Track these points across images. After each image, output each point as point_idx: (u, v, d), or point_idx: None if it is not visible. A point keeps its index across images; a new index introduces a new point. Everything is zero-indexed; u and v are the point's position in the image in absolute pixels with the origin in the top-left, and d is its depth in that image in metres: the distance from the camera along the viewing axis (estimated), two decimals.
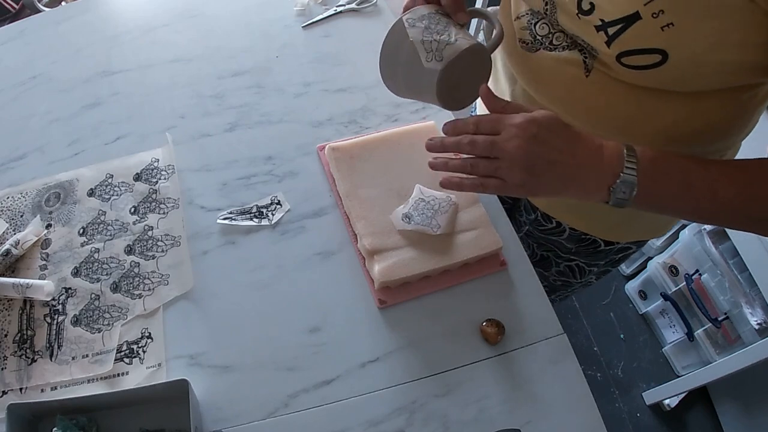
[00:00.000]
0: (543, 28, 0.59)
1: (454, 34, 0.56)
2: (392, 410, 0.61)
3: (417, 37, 0.56)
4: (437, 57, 0.55)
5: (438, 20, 0.57)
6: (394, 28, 0.59)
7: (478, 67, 0.58)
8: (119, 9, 1.05)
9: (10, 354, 0.63)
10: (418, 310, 0.68)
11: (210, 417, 0.59)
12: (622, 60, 0.50)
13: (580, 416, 0.62)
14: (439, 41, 0.55)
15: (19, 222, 0.74)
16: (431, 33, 0.56)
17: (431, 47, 0.56)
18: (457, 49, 0.55)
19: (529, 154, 0.50)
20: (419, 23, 0.57)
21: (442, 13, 0.59)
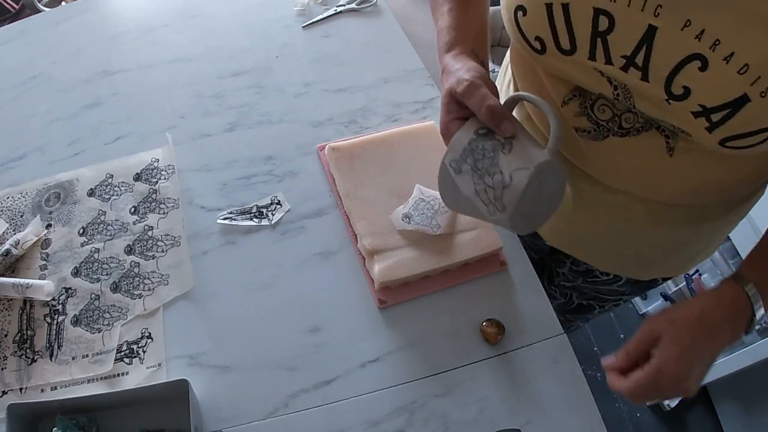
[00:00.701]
0: (604, 112, 0.50)
1: (507, 166, 0.47)
2: (392, 410, 0.61)
3: (468, 190, 0.49)
4: (498, 207, 0.48)
5: (483, 151, 0.48)
6: (441, 172, 0.51)
7: (548, 182, 0.49)
8: (119, 9, 1.05)
9: (10, 354, 0.63)
10: (418, 310, 0.68)
11: (210, 417, 0.59)
12: (726, 144, 0.43)
13: (580, 416, 0.62)
14: (494, 186, 0.47)
15: (19, 222, 0.74)
16: (481, 176, 0.48)
17: (488, 197, 0.48)
18: (517, 191, 0.46)
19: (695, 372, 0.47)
20: (464, 165, 0.49)
21: (483, 132, 0.49)
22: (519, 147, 0.48)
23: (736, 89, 0.39)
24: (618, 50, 0.43)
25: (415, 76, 0.95)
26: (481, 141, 0.48)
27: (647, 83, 0.43)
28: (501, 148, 0.47)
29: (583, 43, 0.44)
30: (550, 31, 0.45)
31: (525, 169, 0.46)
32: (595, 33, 0.43)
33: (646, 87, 0.43)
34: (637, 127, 0.49)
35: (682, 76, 0.40)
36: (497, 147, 0.48)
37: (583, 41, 0.44)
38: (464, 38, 0.56)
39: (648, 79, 0.42)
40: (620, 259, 0.71)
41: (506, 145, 0.48)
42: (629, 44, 0.42)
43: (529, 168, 0.46)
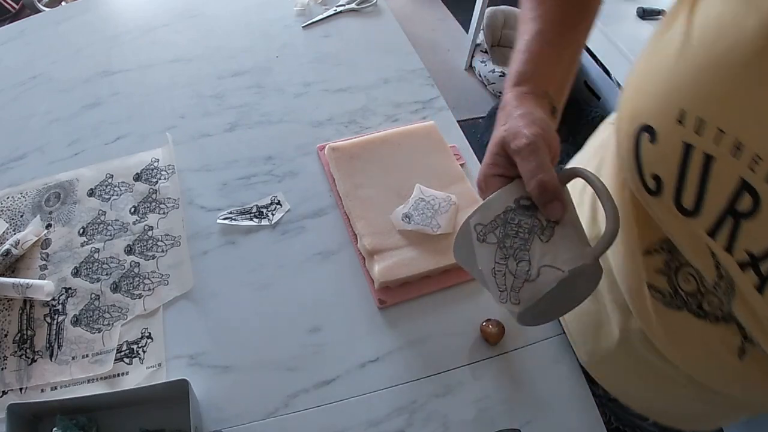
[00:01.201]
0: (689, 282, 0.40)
1: (538, 258, 0.39)
2: (392, 410, 0.61)
3: (485, 264, 0.42)
4: (512, 299, 0.41)
5: (517, 228, 0.40)
6: (462, 231, 0.44)
7: (578, 285, 0.42)
8: (119, 9, 1.05)
9: (10, 354, 0.63)
10: (418, 310, 0.68)
11: (210, 417, 0.59)
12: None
13: (580, 416, 0.62)
14: (516, 275, 0.40)
15: (19, 222, 0.74)
16: (506, 257, 0.40)
17: (504, 283, 0.41)
18: (539, 291, 0.39)
19: None
20: (491, 235, 0.41)
21: (526, 205, 0.40)
22: (560, 238, 0.40)
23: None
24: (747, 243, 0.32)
25: (415, 76, 0.95)
26: (520, 215, 0.41)
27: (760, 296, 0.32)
28: (539, 233, 0.40)
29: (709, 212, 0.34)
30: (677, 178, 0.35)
31: (557, 270, 0.39)
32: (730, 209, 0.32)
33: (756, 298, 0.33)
34: (717, 314, 0.40)
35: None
36: (535, 230, 0.40)
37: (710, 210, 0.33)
38: (542, 74, 0.45)
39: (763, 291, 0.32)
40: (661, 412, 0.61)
41: (547, 230, 0.40)
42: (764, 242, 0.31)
43: (563, 271, 0.39)
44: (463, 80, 2.30)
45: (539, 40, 0.46)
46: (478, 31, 2.18)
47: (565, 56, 0.47)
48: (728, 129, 0.30)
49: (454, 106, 2.15)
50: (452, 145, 0.83)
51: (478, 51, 2.27)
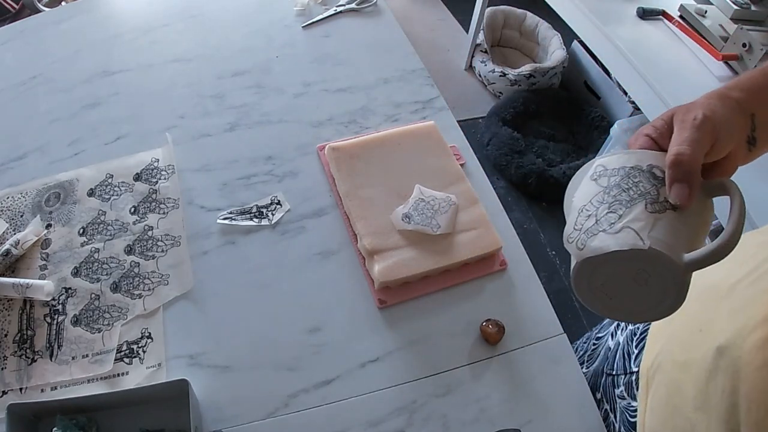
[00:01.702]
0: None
1: (630, 218, 0.36)
2: (392, 410, 0.61)
3: (582, 199, 0.39)
4: (579, 243, 0.37)
5: (633, 185, 0.37)
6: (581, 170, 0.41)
7: (654, 279, 0.36)
8: (119, 9, 1.05)
9: (10, 354, 0.63)
10: (418, 310, 0.68)
11: (210, 417, 0.59)
12: None
13: (580, 416, 0.62)
14: (599, 221, 0.37)
15: (19, 222, 0.74)
16: (602, 202, 0.37)
17: (582, 224, 0.37)
18: (605, 245, 0.35)
19: None
20: (605, 179, 0.38)
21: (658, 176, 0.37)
22: (666, 221, 0.36)
23: None
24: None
25: (415, 76, 0.95)
26: (644, 178, 0.37)
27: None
28: (649, 201, 0.36)
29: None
30: None
31: (640, 239, 0.35)
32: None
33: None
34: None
35: None
36: (647, 196, 0.37)
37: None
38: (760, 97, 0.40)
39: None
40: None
41: (658, 205, 0.36)
42: None
43: (644, 243, 0.34)
44: (463, 80, 2.30)
45: None
46: (478, 31, 2.18)
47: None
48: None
49: (454, 106, 2.15)
50: (452, 145, 0.83)
51: (478, 51, 2.27)
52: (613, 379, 0.65)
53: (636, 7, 1.48)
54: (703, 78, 1.27)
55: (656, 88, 1.25)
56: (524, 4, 2.31)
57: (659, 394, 0.53)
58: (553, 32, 2.22)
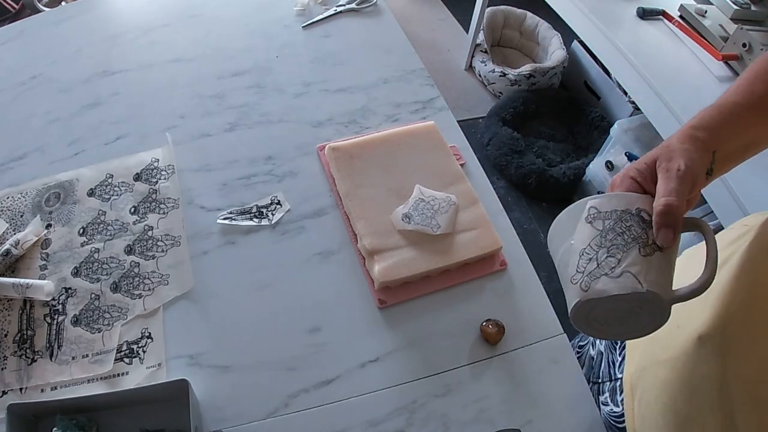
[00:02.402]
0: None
1: (627, 263, 0.40)
2: (392, 410, 0.61)
3: (580, 243, 0.43)
4: (583, 285, 0.41)
5: (626, 228, 0.41)
6: (571, 210, 0.45)
7: (644, 312, 0.42)
8: (119, 9, 1.05)
9: (10, 354, 0.63)
10: (418, 310, 0.68)
11: (210, 417, 0.59)
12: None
13: (580, 416, 0.62)
14: (600, 265, 0.41)
15: (19, 222, 0.74)
16: (600, 246, 0.41)
17: (584, 267, 0.41)
18: (608, 288, 0.40)
19: None
20: (599, 222, 0.42)
21: (645, 219, 0.42)
22: (656, 262, 0.41)
23: None
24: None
25: (415, 76, 0.95)
26: (634, 222, 0.42)
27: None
28: (641, 245, 0.41)
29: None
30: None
31: (638, 283, 0.40)
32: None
33: None
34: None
35: None
36: (639, 241, 0.41)
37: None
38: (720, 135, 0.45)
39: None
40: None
41: (648, 248, 0.41)
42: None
43: (642, 287, 0.39)
44: (463, 80, 2.30)
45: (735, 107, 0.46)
46: (478, 31, 2.18)
47: (747, 136, 0.47)
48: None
49: (454, 106, 2.15)
50: (452, 145, 0.83)
51: (478, 51, 2.27)
52: (598, 387, 0.69)
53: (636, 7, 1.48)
54: (703, 78, 1.27)
55: (656, 88, 1.25)
56: (524, 4, 2.31)
57: (647, 398, 0.55)
58: (553, 32, 2.22)
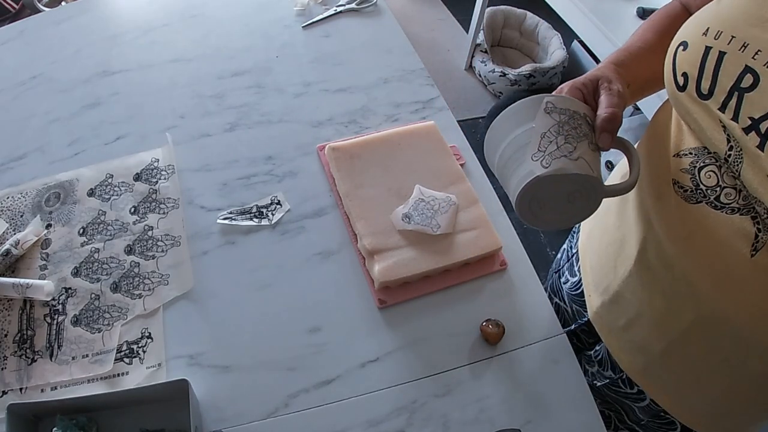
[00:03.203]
0: (710, 178, 0.47)
1: (581, 151, 0.46)
2: (392, 410, 0.61)
3: (541, 127, 0.48)
4: (544, 162, 0.46)
5: (578, 125, 0.48)
6: (527, 102, 0.50)
7: (581, 199, 0.48)
8: (119, 9, 1.05)
9: (10, 354, 0.63)
10: (418, 310, 0.68)
11: (210, 417, 0.59)
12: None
13: (580, 416, 0.62)
14: (559, 147, 0.46)
15: (19, 222, 0.74)
16: (558, 133, 0.47)
17: (546, 147, 0.47)
18: (568, 167, 0.45)
19: None
20: (556, 115, 0.48)
21: (590, 121, 0.49)
22: (598, 158, 0.48)
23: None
24: (749, 110, 0.41)
25: (415, 76, 0.95)
26: (584, 122, 0.49)
27: (762, 153, 0.41)
28: (589, 141, 0.48)
29: (720, 92, 0.44)
30: (698, 72, 0.45)
31: (591, 169, 0.46)
32: (736, 87, 0.42)
33: (758, 156, 0.41)
34: (734, 206, 0.45)
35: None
36: (589, 137, 0.48)
37: (721, 90, 0.44)
38: (631, 70, 0.55)
39: (764, 148, 0.40)
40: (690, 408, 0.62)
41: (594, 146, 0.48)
42: (762, 108, 0.40)
43: (593, 172, 0.46)
44: (463, 80, 2.30)
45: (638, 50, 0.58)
46: (478, 31, 2.18)
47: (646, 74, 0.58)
48: (738, 35, 0.42)
49: (454, 106, 2.15)
50: (452, 145, 0.83)
51: (478, 51, 2.27)
52: (560, 273, 0.81)
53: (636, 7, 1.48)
54: None
55: None
56: (524, 4, 2.31)
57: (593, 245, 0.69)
58: (553, 32, 2.22)
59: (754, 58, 0.41)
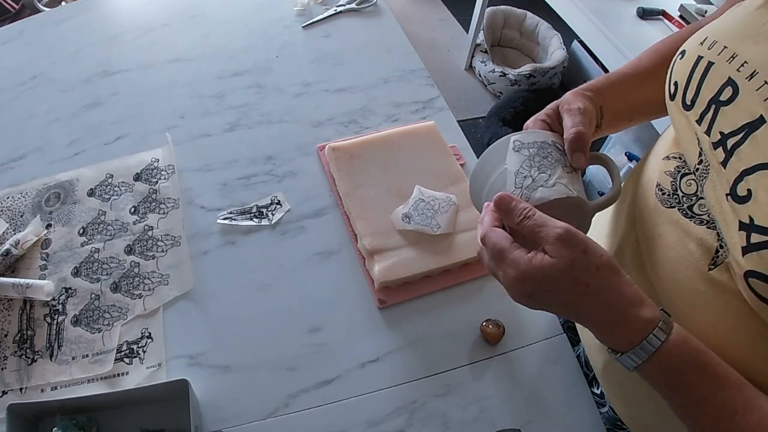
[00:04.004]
0: (690, 186, 0.47)
1: (557, 176, 0.48)
2: (392, 410, 0.61)
3: (513, 166, 0.49)
4: (523, 196, 0.47)
5: (548, 154, 0.49)
6: (497, 145, 0.51)
7: (571, 219, 0.46)
8: (119, 9, 1.05)
9: (10, 354, 0.63)
10: (418, 310, 0.68)
11: (210, 417, 0.59)
12: (749, 280, 0.38)
13: (580, 416, 0.62)
14: (534, 179, 0.48)
15: (19, 222, 0.74)
16: (531, 167, 0.48)
17: (522, 183, 0.48)
18: (546, 195, 0.46)
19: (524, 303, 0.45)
20: (525, 150, 0.49)
21: (559, 147, 0.50)
22: (577, 178, 0.49)
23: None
24: (722, 125, 0.41)
25: (415, 76, 0.95)
26: (553, 149, 0.49)
27: (723, 170, 0.40)
28: (563, 165, 0.49)
29: (700, 104, 0.43)
30: (686, 81, 0.45)
31: (569, 190, 0.47)
32: (715, 99, 0.42)
33: (719, 172, 0.40)
34: (703, 218, 0.45)
35: (755, 178, 0.37)
36: (561, 162, 0.49)
37: (701, 102, 0.43)
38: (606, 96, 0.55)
39: (726, 165, 0.40)
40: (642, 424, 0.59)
41: (569, 168, 0.49)
42: (734, 124, 0.40)
43: (572, 192, 0.47)
44: (463, 80, 2.30)
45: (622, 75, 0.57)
46: (478, 31, 2.18)
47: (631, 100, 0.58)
48: (730, 45, 0.41)
49: (454, 106, 2.15)
50: (452, 145, 0.83)
51: (478, 51, 2.27)
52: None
53: (636, 7, 1.48)
54: None
55: None
56: (524, 4, 2.31)
57: None
58: (553, 32, 2.23)
59: (738, 70, 0.40)
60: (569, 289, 0.41)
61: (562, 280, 0.41)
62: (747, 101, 0.39)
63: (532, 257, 0.41)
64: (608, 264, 0.41)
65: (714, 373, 0.40)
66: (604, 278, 0.41)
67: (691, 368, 0.40)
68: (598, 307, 0.41)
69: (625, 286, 0.41)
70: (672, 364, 0.40)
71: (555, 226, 0.42)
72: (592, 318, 0.42)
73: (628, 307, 0.41)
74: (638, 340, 0.40)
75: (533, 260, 0.41)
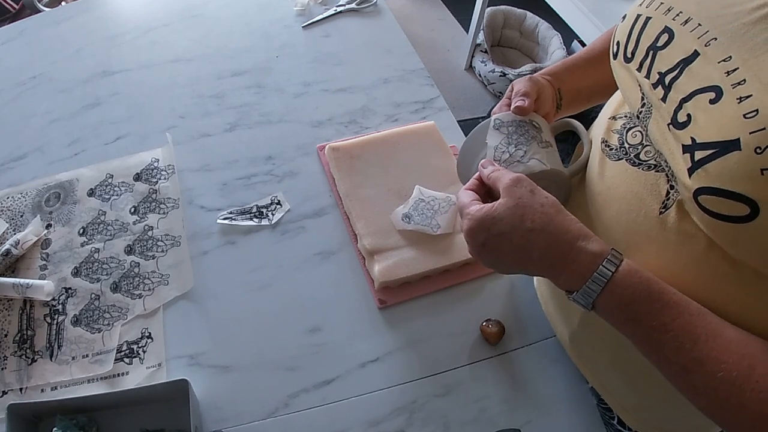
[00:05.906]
0: (635, 137, 0.49)
1: (532, 151, 0.52)
2: (392, 410, 0.61)
3: (493, 142, 0.54)
4: None
5: (525, 132, 0.54)
6: (481, 126, 0.56)
7: (553, 190, 0.50)
8: (119, 9, 1.05)
9: (10, 354, 0.63)
10: (418, 310, 0.68)
11: (210, 417, 0.59)
12: (699, 199, 0.39)
13: (580, 416, 0.62)
14: (512, 155, 0.52)
15: (19, 222, 0.74)
16: (509, 143, 0.53)
17: (501, 157, 0.53)
18: (521, 170, 0.50)
19: (481, 256, 0.47)
20: (504, 128, 0.54)
21: (536, 125, 0.55)
22: (551, 151, 0.54)
23: (733, 131, 0.36)
24: (659, 66, 0.43)
25: (415, 76, 0.95)
26: (530, 127, 0.54)
27: (664, 104, 0.42)
28: (539, 141, 0.53)
29: (640, 53, 0.46)
30: (626, 38, 0.47)
31: (543, 164, 0.52)
32: (653, 46, 0.44)
33: (661, 107, 0.42)
34: (650, 163, 0.47)
35: (693, 103, 0.39)
36: (537, 138, 0.54)
37: (640, 51, 0.46)
38: (562, 78, 0.60)
39: (666, 99, 0.42)
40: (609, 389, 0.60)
41: (544, 143, 0.54)
42: (670, 62, 0.42)
43: (546, 166, 0.52)
44: (463, 80, 2.30)
45: (577, 59, 0.62)
46: (478, 31, 2.18)
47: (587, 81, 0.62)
48: (666, 1, 0.44)
49: (454, 106, 2.15)
50: (452, 145, 0.83)
51: (478, 51, 2.27)
52: None
53: None
54: None
55: None
56: (524, 4, 2.31)
57: None
58: (553, 32, 2.22)
59: (674, 19, 0.42)
60: (517, 227, 0.44)
61: (510, 218, 0.44)
62: (682, 42, 0.41)
63: (485, 206, 0.46)
64: (553, 202, 0.46)
65: (670, 300, 0.41)
66: (548, 214, 0.44)
67: (646, 296, 0.42)
68: (546, 244, 0.44)
69: (570, 222, 0.45)
70: (626, 294, 0.42)
71: (510, 175, 0.47)
72: (542, 257, 0.44)
73: (574, 241, 0.44)
74: (589, 273, 0.42)
75: (484, 207, 0.46)
